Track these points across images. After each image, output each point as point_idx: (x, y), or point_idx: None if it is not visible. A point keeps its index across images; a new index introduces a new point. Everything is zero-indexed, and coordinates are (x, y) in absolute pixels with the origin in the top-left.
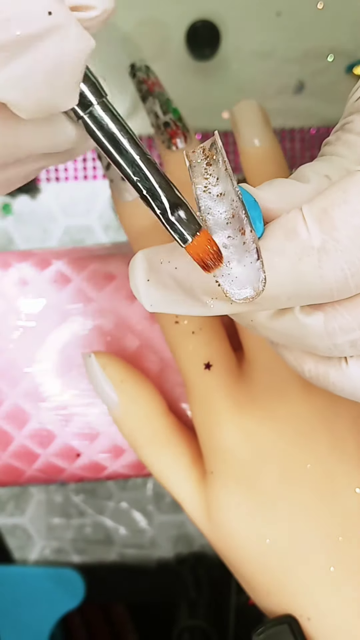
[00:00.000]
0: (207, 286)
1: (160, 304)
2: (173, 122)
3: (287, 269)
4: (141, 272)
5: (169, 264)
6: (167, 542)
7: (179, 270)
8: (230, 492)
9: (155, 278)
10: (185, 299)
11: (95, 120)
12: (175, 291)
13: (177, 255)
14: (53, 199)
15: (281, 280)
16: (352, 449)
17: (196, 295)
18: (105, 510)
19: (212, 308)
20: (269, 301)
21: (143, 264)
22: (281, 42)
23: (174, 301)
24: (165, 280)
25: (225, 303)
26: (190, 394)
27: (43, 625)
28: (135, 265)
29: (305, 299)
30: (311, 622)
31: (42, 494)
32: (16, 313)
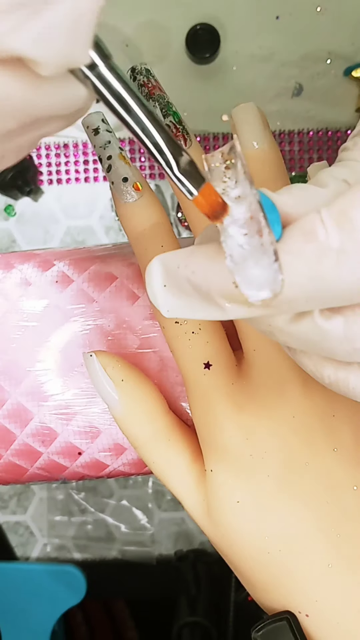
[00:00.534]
0: (224, 289)
1: (177, 309)
2: (173, 125)
3: (306, 270)
4: (158, 278)
5: (186, 268)
6: (168, 539)
7: (196, 274)
8: (230, 489)
9: (172, 283)
10: (202, 304)
11: (102, 80)
12: (192, 296)
13: (193, 259)
14: (55, 200)
15: (299, 283)
16: (351, 447)
17: (213, 299)
18: (106, 507)
19: (229, 312)
20: (287, 304)
21: (159, 270)
22: (280, 46)
23: (190, 306)
24: (182, 285)
25: (242, 306)
26: (190, 393)
27: (45, 621)
28: (151, 271)
29: (323, 301)
30: (310, 618)
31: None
32: (19, 313)
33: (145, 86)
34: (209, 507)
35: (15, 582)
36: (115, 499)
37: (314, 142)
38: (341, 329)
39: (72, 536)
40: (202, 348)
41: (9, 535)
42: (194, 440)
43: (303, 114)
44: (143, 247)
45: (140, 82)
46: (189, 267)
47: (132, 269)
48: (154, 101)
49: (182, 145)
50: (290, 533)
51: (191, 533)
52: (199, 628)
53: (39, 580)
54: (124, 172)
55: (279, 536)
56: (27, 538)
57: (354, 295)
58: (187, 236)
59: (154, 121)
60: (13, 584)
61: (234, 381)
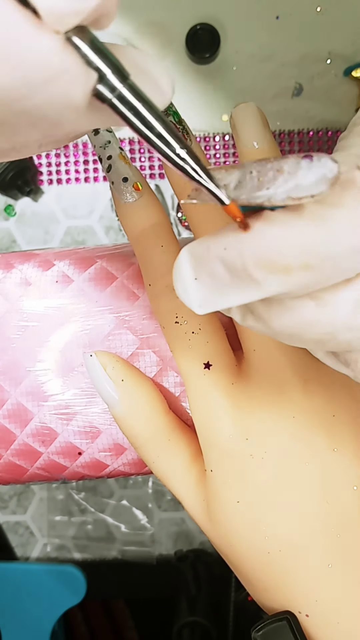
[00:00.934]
0: (260, 256)
1: (210, 299)
2: (173, 124)
3: (347, 219)
4: (188, 270)
5: (217, 246)
6: (168, 539)
7: (228, 249)
8: (230, 489)
9: (203, 272)
10: (237, 286)
11: (124, 102)
12: (225, 281)
13: (223, 235)
14: (55, 200)
15: (342, 234)
16: (351, 447)
17: (249, 274)
18: (106, 507)
19: (267, 286)
20: (330, 261)
21: (188, 261)
22: (280, 46)
23: (224, 291)
24: (214, 271)
25: (280, 277)
26: (190, 393)
27: (45, 621)
28: (180, 264)
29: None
30: (310, 618)
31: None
32: (19, 313)
33: None
34: (208, 507)
35: (15, 582)
36: (115, 499)
37: (314, 142)
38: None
39: (72, 536)
40: (202, 348)
41: (9, 535)
42: (194, 440)
43: (303, 114)
44: (143, 247)
45: None
46: (220, 244)
47: (132, 269)
48: None
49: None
50: (290, 533)
51: (191, 533)
52: (199, 628)
53: (39, 580)
54: (124, 172)
55: (279, 536)
56: (27, 538)
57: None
58: (187, 236)
59: (177, 139)
60: (13, 584)
61: (234, 381)
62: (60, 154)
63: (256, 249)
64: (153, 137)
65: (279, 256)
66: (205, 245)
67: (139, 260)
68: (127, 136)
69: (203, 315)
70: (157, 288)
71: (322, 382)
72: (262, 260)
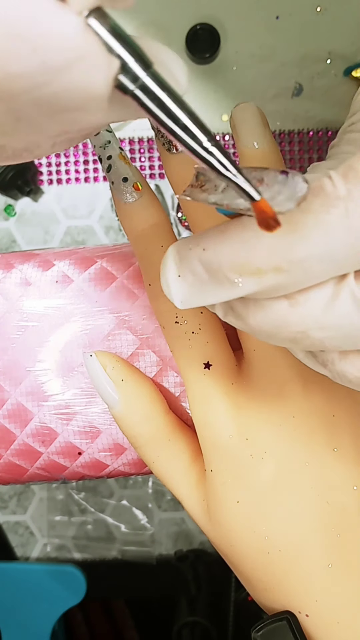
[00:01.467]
0: (235, 260)
1: (190, 297)
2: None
3: (313, 223)
4: (172, 267)
5: (197, 246)
6: (168, 539)
7: (206, 251)
8: (229, 489)
9: (185, 269)
10: (214, 285)
11: (147, 92)
12: (202, 278)
13: (204, 237)
14: (55, 200)
15: (309, 239)
16: (350, 447)
17: (225, 275)
18: (106, 507)
19: (241, 287)
20: (300, 267)
21: (174, 258)
22: (280, 46)
23: (202, 290)
24: (194, 268)
25: (254, 279)
26: (190, 393)
27: (45, 621)
28: (166, 261)
29: (334, 263)
30: (310, 618)
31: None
32: (19, 313)
33: None
34: (208, 507)
35: (15, 582)
36: (115, 499)
37: (314, 142)
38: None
39: (72, 536)
40: (202, 348)
41: (9, 535)
42: (194, 440)
43: (303, 114)
44: (143, 247)
45: None
46: (200, 244)
47: (132, 269)
48: None
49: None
50: (290, 533)
51: (191, 533)
52: (199, 628)
53: (39, 580)
54: (124, 172)
55: (279, 536)
56: (27, 538)
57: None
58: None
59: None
60: (13, 584)
61: (234, 381)
62: (60, 154)
63: (230, 251)
64: (178, 129)
65: (251, 259)
66: (188, 245)
67: (139, 260)
68: (127, 136)
69: (203, 315)
70: (157, 288)
71: (322, 382)
72: (235, 263)
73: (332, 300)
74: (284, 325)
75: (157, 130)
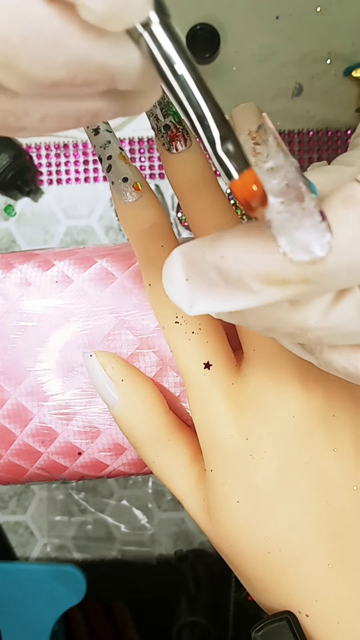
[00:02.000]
0: (258, 269)
1: (202, 302)
2: (173, 125)
3: (348, 237)
4: (179, 271)
5: (214, 253)
6: (167, 539)
7: (225, 258)
8: (229, 489)
9: (196, 274)
10: (230, 292)
11: (154, 39)
12: (218, 285)
13: (222, 242)
14: (55, 200)
15: (341, 249)
16: (350, 447)
17: (245, 284)
18: (106, 507)
19: (264, 295)
20: (329, 277)
21: (181, 262)
22: (280, 46)
23: (217, 297)
24: (208, 275)
25: (278, 287)
26: (190, 393)
27: (45, 621)
28: (171, 264)
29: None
30: (310, 618)
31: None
32: (19, 313)
33: None
34: (208, 507)
35: (15, 582)
36: (115, 499)
37: (314, 142)
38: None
39: (72, 536)
40: (202, 348)
41: (9, 535)
42: (194, 440)
43: (303, 114)
44: (143, 247)
45: None
46: (217, 251)
47: (132, 269)
48: None
49: (229, 124)
50: (290, 533)
51: (191, 533)
52: (199, 628)
53: (39, 580)
54: (124, 172)
55: (279, 536)
56: (27, 538)
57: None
58: (187, 236)
59: (205, 92)
60: (13, 584)
61: (234, 381)
62: (60, 154)
63: (255, 261)
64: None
65: (278, 270)
66: (201, 250)
67: (139, 260)
68: (127, 136)
69: (203, 316)
70: (157, 288)
71: (322, 382)
72: (260, 274)
73: (335, 302)
74: (284, 324)
75: (158, 130)
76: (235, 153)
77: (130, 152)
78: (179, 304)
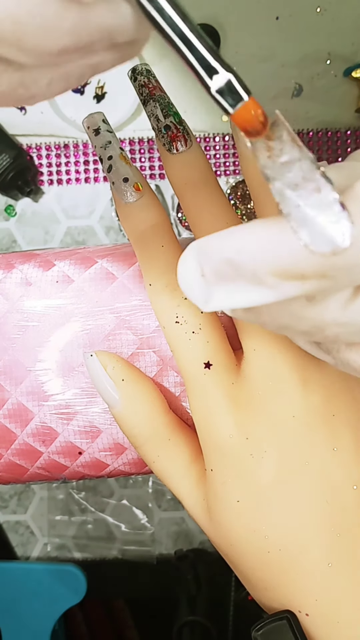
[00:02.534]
0: (275, 264)
1: (217, 298)
2: (174, 125)
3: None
4: (194, 266)
5: (230, 248)
6: (168, 539)
7: (241, 253)
8: (230, 489)
9: (211, 270)
10: (246, 287)
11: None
12: (234, 280)
13: (237, 237)
14: (55, 201)
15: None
16: (350, 447)
17: (261, 279)
18: (106, 507)
19: (281, 290)
20: (347, 271)
21: (195, 257)
22: (280, 46)
23: (232, 292)
24: (223, 270)
25: (294, 283)
26: (190, 392)
27: (45, 621)
28: (186, 259)
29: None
30: (310, 617)
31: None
32: (19, 313)
33: (146, 87)
34: (209, 507)
35: (15, 581)
36: (116, 498)
37: (314, 142)
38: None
39: (73, 536)
40: (203, 348)
41: (10, 534)
42: (194, 439)
43: (303, 114)
44: (143, 247)
45: (141, 83)
46: (232, 246)
47: (132, 269)
48: (154, 101)
49: (224, 61)
50: (290, 532)
51: (191, 532)
52: (199, 627)
53: (39, 579)
54: (124, 173)
55: (279, 535)
56: (27, 537)
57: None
58: (187, 236)
59: (198, 35)
60: (13, 584)
61: (234, 381)
62: (60, 155)
63: (272, 257)
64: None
65: (295, 266)
66: (216, 245)
67: (140, 260)
68: (127, 136)
69: (203, 315)
70: (157, 288)
71: (322, 382)
72: (277, 269)
73: (353, 298)
74: (300, 321)
75: (158, 130)
76: (233, 88)
77: (130, 153)
78: (194, 300)
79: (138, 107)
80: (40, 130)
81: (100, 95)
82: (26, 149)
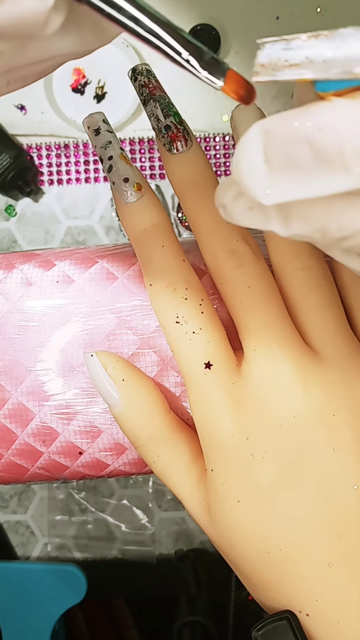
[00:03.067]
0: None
1: (281, 188)
2: (174, 125)
3: None
4: (257, 151)
5: (310, 124)
6: (168, 539)
7: (324, 130)
8: (230, 489)
9: (278, 154)
10: (320, 173)
11: None
12: (305, 166)
13: (318, 113)
14: (55, 201)
15: None
16: (350, 446)
17: (343, 161)
18: (106, 507)
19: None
20: None
21: (260, 140)
22: None
23: (301, 180)
24: (295, 153)
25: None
26: (191, 392)
27: (45, 621)
28: (248, 143)
29: None
30: (310, 618)
31: (44, 492)
32: (20, 313)
33: (146, 86)
34: (209, 507)
35: (15, 581)
36: (116, 498)
37: None
38: None
39: (73, 536)
40: (203, 348)
41: (10, 534)
42: (195, 439)
43: None
44: (144, 247)
45: (141, 83)
46: (314, 123)
47: (133, 269)
48: (155, 101)
49: (193, 40)
50: (290, 532)
51: (191, 532)
52: (199, 627)
53: (39, 579)
54: (124, 173)
55: (280, 536)
56: (27, 537)
57: None
58: (188, 236)
59: (155, 18)
60: (13, 584)
61: (234, 381)
62: (60, 155)
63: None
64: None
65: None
66: (292, 122)
67: (140, 260)
68: (127, 136)
69: (203, 315)
70: (158, 288)
71: (322, 382)
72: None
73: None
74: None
75: (159, 130)
76: (213, 62)
77: (130, 153)
78: (253, 191)
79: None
80: (40, 130)
81: (101, 95)
82: (26, 149)
